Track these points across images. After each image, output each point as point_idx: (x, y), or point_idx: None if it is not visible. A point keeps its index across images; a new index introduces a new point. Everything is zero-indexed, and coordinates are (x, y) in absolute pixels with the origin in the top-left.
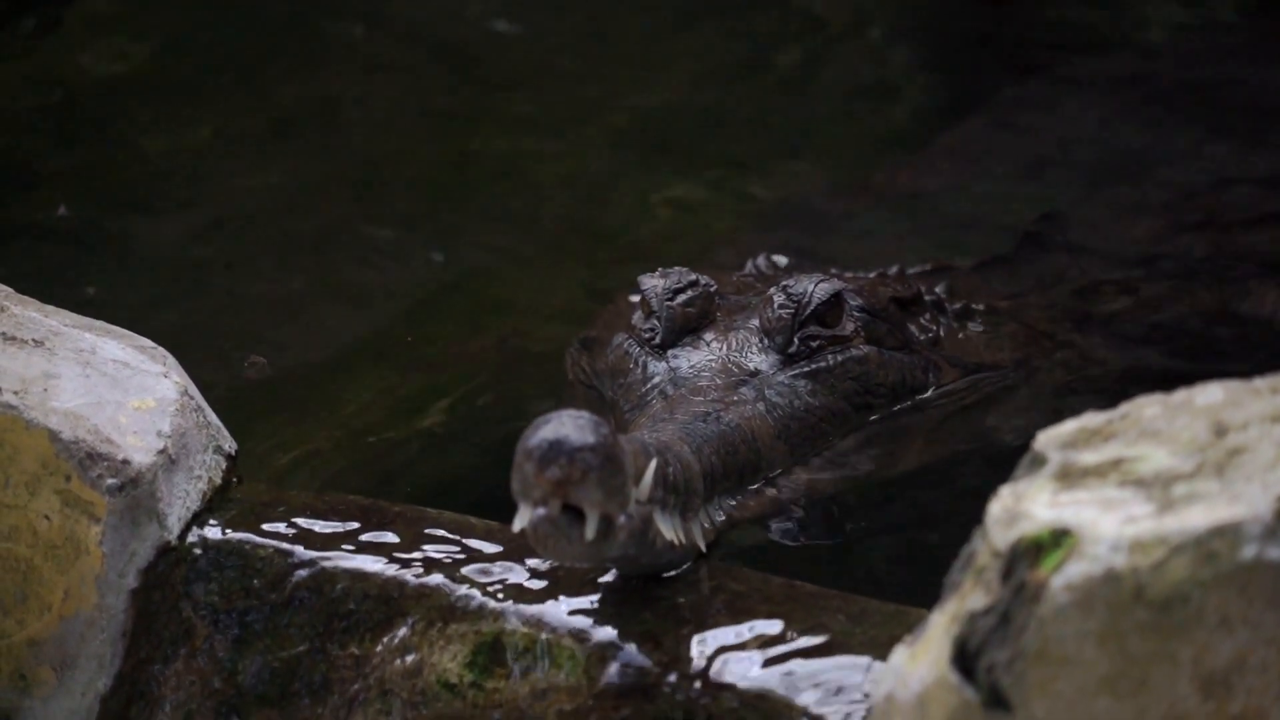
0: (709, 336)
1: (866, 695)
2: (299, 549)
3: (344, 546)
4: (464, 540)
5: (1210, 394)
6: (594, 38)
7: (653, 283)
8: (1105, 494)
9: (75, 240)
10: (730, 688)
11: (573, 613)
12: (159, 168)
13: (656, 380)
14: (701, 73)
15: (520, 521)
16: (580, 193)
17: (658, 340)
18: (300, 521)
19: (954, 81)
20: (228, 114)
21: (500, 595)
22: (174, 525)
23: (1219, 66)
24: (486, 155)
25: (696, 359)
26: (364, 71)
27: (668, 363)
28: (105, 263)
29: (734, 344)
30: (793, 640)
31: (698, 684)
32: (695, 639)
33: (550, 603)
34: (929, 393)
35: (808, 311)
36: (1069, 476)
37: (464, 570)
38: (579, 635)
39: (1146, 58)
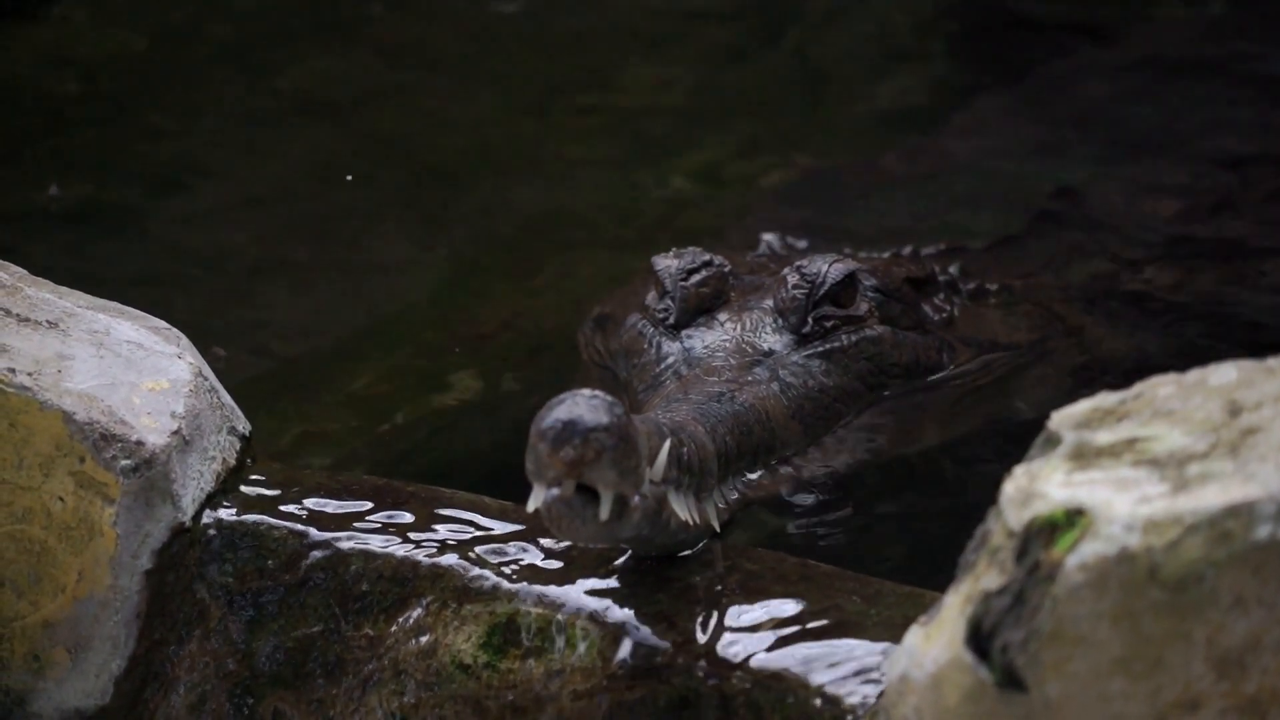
0: (723, 317)
1: (881, 676)
2: (313, 530)
3: (358, 527)
4: (478, 520)
5: (1224, 374)
6: (604, 17)
7: (666, 263)
8: (1119, 474)
9: (86, 222)
10: (744, 668)
11: (587, 593)
12: (169, 150)
13: (670, 360)
14: (714, 51)
15: (534, 502)
16: (592, 173)
17: (671, 320)
18: (314, 502)
19: (970, 60)
20: (241, 95)
21: (514, 576)
22: (188, 506)
23: (1237, 41)
24: (496, 136)
25: (710, 339)
26: (380, 52)
27: (681, 343)
28: (115, 244)
29: (748, 324)
30: (807, 621)
31: (712, 664)
32: (709, 619)
33: (565, 583)
34: (943, 373)
35: (822, 292)
36: (1083, 456)
37: (478, 550)
38: (593, 616)
39: (1165, 32)
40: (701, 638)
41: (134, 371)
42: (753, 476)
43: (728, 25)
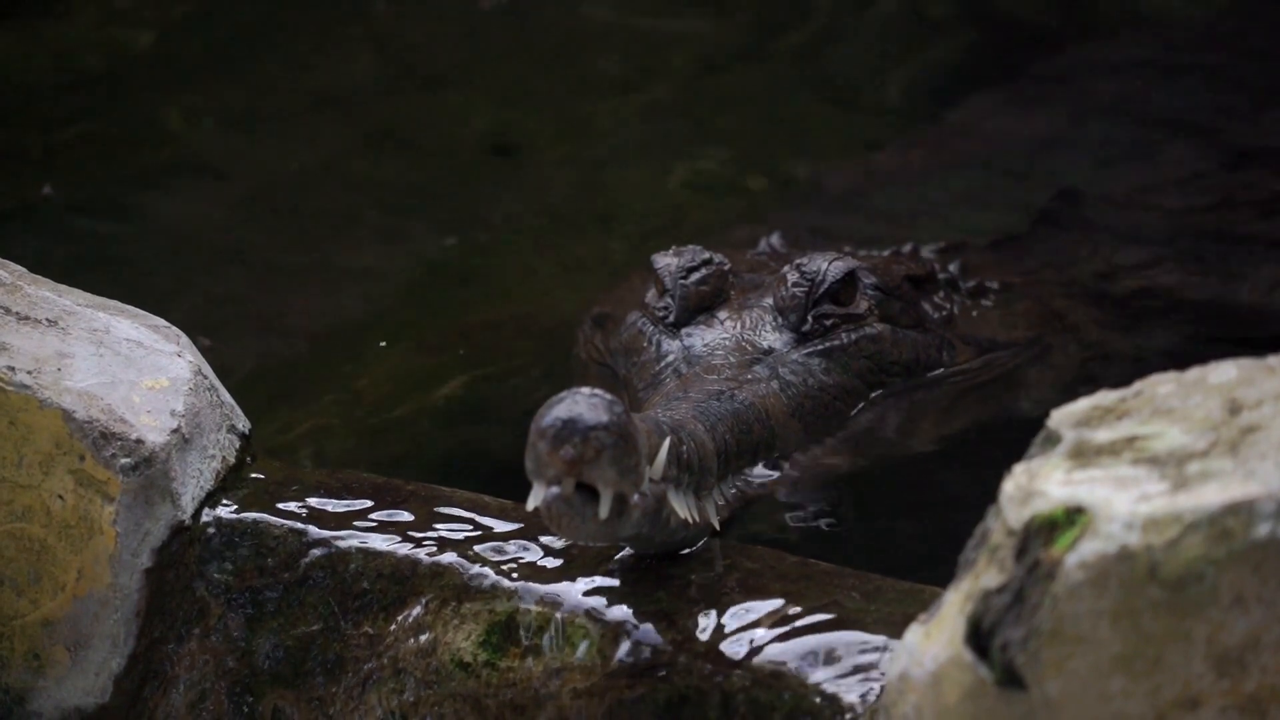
0: (723, 315)
1: (880, 674)
2: (312, 528)
3: (357, 525)
4: (478, 518)
5: (1224, 372)
6: (606, 18)
7: (666, 261)
8: (1119, 472)
9: (86, 219)
10: (744, 666)
11: (587, 592)
12: (173, 146)
13: (670, 359)
14: (713, 50)
15: (534, 500)
16: (593, 171)
17: (671, 319)
18: (314, 500)
19: (968, 58)
20: (243, 92)
21: (514, 574)
22: (188, 504)
23: (1240, 42)
24: (497, 134)
25: (710, 337)
26: (382, 50)
27: (681, 341)
28: (115, 242)
29: (748, 322)
30: (806, 618)
31: (711, 662)
32: (709, 617)
33: (564, 581)
34: (943, 370)
35: (822, 290)
36: (1083, 454)
37: (478, 549)
38: (593, 614)
39: (1165, 34)
40: (701, 636)
41: (134, 370)
42: (752, 475)
43: (730, 24)
